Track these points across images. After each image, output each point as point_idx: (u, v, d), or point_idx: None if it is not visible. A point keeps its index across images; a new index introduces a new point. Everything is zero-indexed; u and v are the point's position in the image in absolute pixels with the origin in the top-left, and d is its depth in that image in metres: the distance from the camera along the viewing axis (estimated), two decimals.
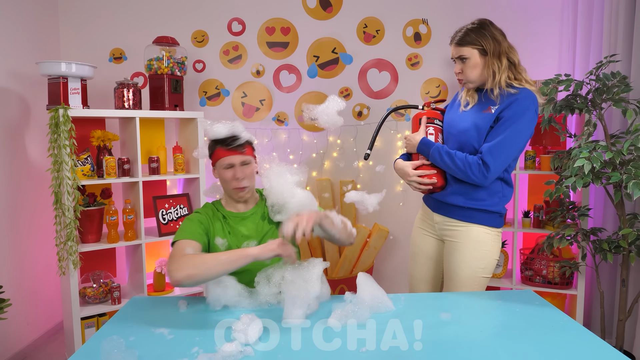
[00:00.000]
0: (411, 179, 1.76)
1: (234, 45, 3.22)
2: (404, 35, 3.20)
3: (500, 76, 1.66)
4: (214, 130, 1.62)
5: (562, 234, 2.37)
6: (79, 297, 2.49)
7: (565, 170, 2.19)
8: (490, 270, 1.77)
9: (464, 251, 1.74)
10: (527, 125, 1.64)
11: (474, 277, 1.73)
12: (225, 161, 1.61)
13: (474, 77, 1.70)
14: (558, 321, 1.41)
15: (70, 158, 2.35)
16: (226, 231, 1.64)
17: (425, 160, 1.76)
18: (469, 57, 1.68)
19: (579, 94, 2.28)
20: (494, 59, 1.66)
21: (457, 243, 1.76)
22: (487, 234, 1.74)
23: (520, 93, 1.65)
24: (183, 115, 2.80)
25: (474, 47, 1.67)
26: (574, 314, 2.63)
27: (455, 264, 1.75)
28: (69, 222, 2.36)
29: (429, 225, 1.88)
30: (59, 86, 2.40)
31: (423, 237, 1.90)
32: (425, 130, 1.79)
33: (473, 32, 1.67)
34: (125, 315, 1.47)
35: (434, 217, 1.84)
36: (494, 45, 1.66)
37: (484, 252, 1.73)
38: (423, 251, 1.89)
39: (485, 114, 1.69)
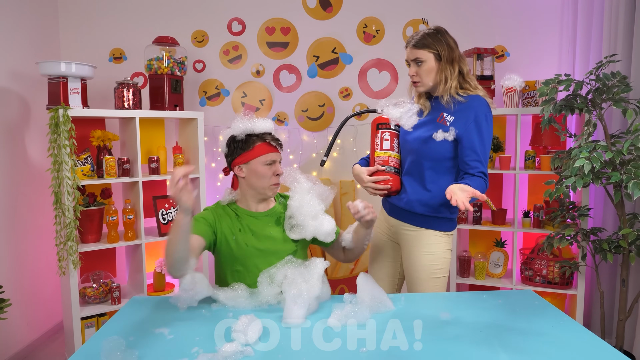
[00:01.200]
0: (366, 185, 1.80)
1: (234, 45, 3.22)
2: (404, 35, 3.20)
3: (451, 83, 1.70)
4: (260, 124, 1.61)
5: (562, 234, 2.37)
6: (79, 297, 2.49)
7: (565, 170, 2.19)
8: (447, 270, 1.81)
9: (418, 255, 1.78)
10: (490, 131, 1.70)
11: (432, 279, 1.78)
12: (269, 157, 1.62)
13: (428, 80, 1.73)
14: (558, 321, 1.41)
15: (70, 158, 2.35)
16: (236, 228, 1.63)
17: (381, 166, 1.79)
18: (424, 60, 1.71)
19: (579, 94, 2.28)
20: (447, 65, 1.70)
21: (412, 246, 1.80)
22: (437, 236, 1.78)
23: (471, 101, 1.70)
24: (183, 115, 2.80)
25: (430, 50, 1.70)
26: (574, 314, 2.63)
27: (412, 268, 1.79)
28: (69, 222, 2.36)
29: (386, 227, 1.91)
30: (59, 86, 2.40)
31: (380, 238, 1.94)
32: (381, 136, 1.82)
33: (430, 37, 1.71)
34: (125, 315, 1.47)
35: (389, 220, 1.88)
36: (448, 52, 1.70)
37: (436, 253, 1.77)
38: (379, 250, 1.94)
39: (439, 124, 1.71)
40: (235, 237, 1.62)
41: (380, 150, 1.82)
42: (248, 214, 1.67)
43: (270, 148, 1.63)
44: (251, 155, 1.61)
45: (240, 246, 1.62)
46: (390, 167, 1.80)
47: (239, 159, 1.63)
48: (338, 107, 3.26)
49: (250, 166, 1.62)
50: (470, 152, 1.67)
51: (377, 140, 1.83)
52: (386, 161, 1.80)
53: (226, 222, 1.64)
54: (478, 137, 1.67)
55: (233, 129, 1.64)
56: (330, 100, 3.26)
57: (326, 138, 3.28)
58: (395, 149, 1.81)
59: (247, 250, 1.62)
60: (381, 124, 1.84)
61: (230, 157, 1.66)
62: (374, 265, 1.96)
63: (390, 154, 1.81)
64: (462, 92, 1.72)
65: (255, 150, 1.61)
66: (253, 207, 1.68)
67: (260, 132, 1.62)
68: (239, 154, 1.63)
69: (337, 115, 3.26)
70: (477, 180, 1.64)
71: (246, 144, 1.62)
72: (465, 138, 1.67)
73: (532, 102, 2.76)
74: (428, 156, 1.72)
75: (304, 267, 1.53)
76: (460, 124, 1.68)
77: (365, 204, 1.60)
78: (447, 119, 1.70)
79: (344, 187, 3.20)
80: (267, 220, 1.68)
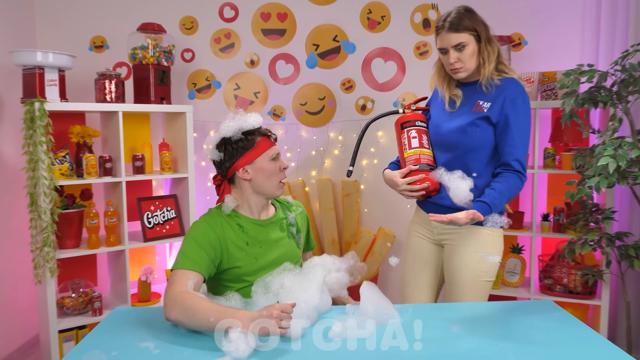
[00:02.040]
0: (401, 189, 1.80)
1: (226, 33, 3.22)
2: (411, 22, 3.20)
3: (489, 65, 1.72)
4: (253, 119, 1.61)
5: (584, 239, 2.37)
6: (56, 307, 2.49)
7: (588, 170, 2.19)
8: (494, 274, 1.81)
9: (464, 255, 1.78)
10: (529, 116, 1.74)
11: (476, 281, 1.78)
12: (273, 151, 1.62)
13: (471, 65, 1.74)
14: (580, 334, 1.41)
15: (47, 156, 2.35)
16: (243, 242, 1.60)
17: (413, 166, 1.79)
18: (467, 43, 1.71)
19: (603, 86, 2.28)
20: (487, 45, 1.72)
21: (458, 246, 1.80)
22: (489, 234, 1.78)
23: (506, 84, 1.73)
24: (170, 109, 2.80)
25: (470, 32, 1.71)
26: (597, 327, 2.63)
27: (456, 268, 1.80)
28: (46, 226, 2.36)
29: (427, 229, 1.91)
30: (35, 77, 2.40)
31: (418, 241, 1.93)
32: (408, 135, 1.82)
33: (466, 17, 1.71)
34: (107, 328, 1.47)
35: (431, 221, 1.86)
36: (485, 31, 1.72)
37: (485, 254, 1.77)
38: (418, 256, 1.93)
39: (476, 112, 1.73)
40: (245, 253, 1.59)
41: (409, 149, 1.82)
42: (253, 222, 1.64)
43: (272, 142, 1.64)
44: (256, 153, 1.59)
45: (249, 262, 1.60)
46: (424, 164, 1.80)
47: (243, 160, 1.59)
48: (340, 101, 3.26)
49: (256, 165, 1.60)
50: (507, 138, 1.70)
51: (404, 140, 1.84)
52: (418, 159, 1.80)
53: (231, 238, 1.58)
54: (515, 120, 1.69)
55: (224, 131, 1.59)
56: (331, 93, 3.26)
57: (327, 134, 3.28)
58: (426, 145, 1.82)
59: (257, 264, 1.61)
60: (405, 122, 1.85)
61: (230, 161, 1.60)
62: (411, 273, 1.94)
63: (422, 151, 1.81)
64: (497, 74, 1.74)
65: (260, 146, 1.60)
66: (255, 213, 1.66)
67: (256, 126, 1.62)
68: (241, 155, 1.59)
69: (338, 109, 3.26)
70: (509, 181, 1.68)
71: (248, 142, 1.59)
72: (501, 123, 1.71)
73: (551, 95, 2.76)
74: (469, 147, 1.74)
75: (302, 276, 1.53)
76: (497, 110, 1.71)
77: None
78: (484, 106, 1.73)
79: (346, 187, 3.20)
80: (273, 227, 1.68)
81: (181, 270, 1.47)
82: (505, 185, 1.68)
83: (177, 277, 1.46)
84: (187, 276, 1.46)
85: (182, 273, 1.46)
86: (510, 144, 1.70)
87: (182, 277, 1.45)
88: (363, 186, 3.30)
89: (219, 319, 1.30)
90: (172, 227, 2.87)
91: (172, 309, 1.38)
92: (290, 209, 1.77)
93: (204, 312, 1.34)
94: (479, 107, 1.74)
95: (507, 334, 1.41)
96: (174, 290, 1.41)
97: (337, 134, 3.29)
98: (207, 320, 1.32)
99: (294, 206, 1.80)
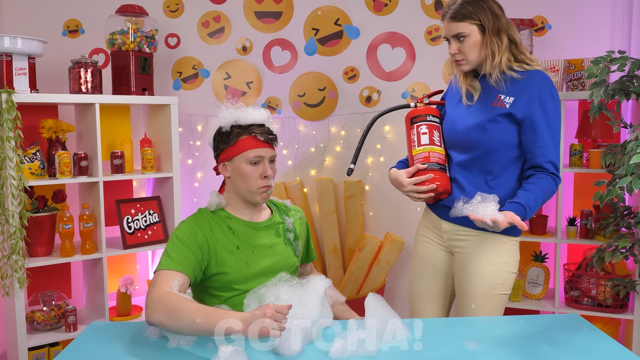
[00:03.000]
0: (407, 190, 1.80)
1: (215, 16, 3.22)
2: (422, 3, 3.20)
3: (500, 57, 1.73)
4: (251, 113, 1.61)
5: (615, 246, 2.37)
6: (25, 322, 2.49)
7: (619, 168, 2.19)
8: (510, 286, 1.81)
9: (477, 265, 1.78)
10: (558, 112, 1.75)
11: (490, 295, 1.78)
12: (253, 153, 1.60)
13: (473, 57, 1.75)
14: (611, 352, 1.41)
15: (16, 153, 2.35)
16: (234, 245, 1.62)
17: (421, 164, 1.79)
18: (467, 34, 1.72)
19: (636, 75, 2.28)
20: (493, 37, 1.73)
21: (470, 255, 1.80)
22: (504, 243, 1.78)
23: (531, 77, 1.73)
24: (153, 100, 2.80)
25: (472, 22, 1.72)
26: (629, 343, 2.63)
27: (468, 280, 1.80)
28: (14, 232, 2.36)
29: (435, 234, 1.92)
30: (2, 65, 2.40)
31: (428, 248, 1.94)
32: (417, 131, 1.83)
33: (470, 5, 1.72)
34: (82, 345, 1.47)
35: (442, 225, 1.88)
36: (493, 21, 1.72)
37: (501, 264, 1.77)
38: (429, 264, 1.93)
39: (496, 107, 1.74)
40: (235, 257, 1.61)
41: (418, 146, 1.82)
42: (245, 224, 1.66)
43: (258, 143, 1.61)
44: (234, 151, 1.61)
45: (240, 268, 1.61)
46: (434, 163, 1.80)
47: (223, 155, 1.64)
48: (342, 91, 3.26)
49: (234, 164, 1.62)
50: (537, 138, 1.71)
51: (414, 137, 1.84)
52: (427, 157, 1.80)
53: (220, 240, 1.61)
54: (544, 119, 1.70)
55: (220, 119, 1.64)
56: (333, 83, 3.26)
57: (327, 129, 3.28)
58: (437, 142, 1.82)
59: (248, 271, 1.62)
60: (416, 117, 1.85)
61: (215, 153, 1.67)
62: (421, 284, 1.95)
63: (432, 148, 1.81)
64: (517, 66, 1.75)
65: (239, 145, 1.60)
66: (247, 215, 1.68)
67: (248, 123, 1.62)
68: (222, 149, 1.63)
69: (340, 101, 3.26)
70: (543, 183, 1.69)
71: (229, 137, 1.61)
72: (528, 122, 1.71)
73: (578, 85, 2.76)
74: (487, 146, 1.74)
75: (299, 287, 1.53)
76: (522, 106, 1.71)
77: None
78: (506, 101, 1.73)
79: (350, 188, 3.20)
80: (268, 232, 1.69)
81: (165, 270, 1.49)
82: (540, 187, 1.69)
83: (160, 277, 1.47)
84: (171, 277, 1.47)
85: (166, 274, 1.48)
86: (541, 145, 1.71)
87: (166, 277, 1.47)
88: (368, 187, 3.30)
89: (206, 320, 1.31)
90: (155, 233, 2.87)
91: (155, 310, 1.38)
92: (289, 213, 1.78)
93: (189, 312, 1.34)
94: (500, 102, 1.74)
95: (528, 352, 1.41)
96: (157, 291, 1.42)
97: (339, 129, 3.29)
98: (194, 322, 1.32)
99: (293, 211, 1.80)
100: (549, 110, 1.71)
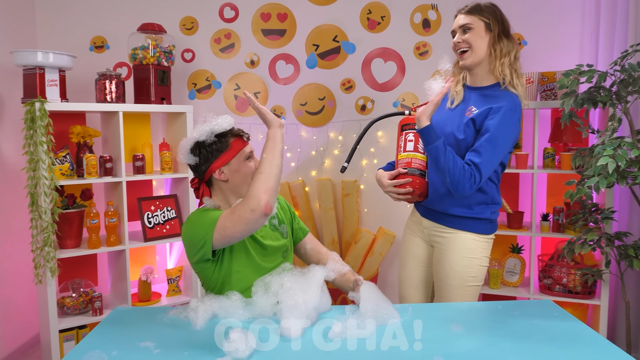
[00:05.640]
0: (387, 190, 1.81)
1: (226, 33, 3.22)
2: (411, 22, 3.20)
3: (500, 62, 1.71)
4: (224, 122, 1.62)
5: (584, 239, 2.37)
6: (56, 307, 2.49)
7: (587, 170, 2.19)
8: (481, 278, 1.83)
9: (451, 259, 1.79)
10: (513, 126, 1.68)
11: (463, 287, 1.79)
12: (248, 149, 1.65)
13: (479, 50, 1.72)
14: (580, 334, 1.41)
15: (48, 156, 2.35)
16: None
17: (402, 169, 1.79)
18: (473, 26, 1.73)
19: (603, 86, 2.28)
20: (497, 39, 1.72)
21: (445, 251, 1.81)
22: (475, 240, 1.79)
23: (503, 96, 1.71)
24: (170, 109, 2.80)
25: (481, 18, 1.73)
26: (597, 326, 2.63)
27: (444, 273, 1.81)
28: (46, 226, 2.36)
29: (418, 229, 1.95)
30: (35, 77, 2.40)
31: (413, 240, 1.96)
32: (405, 137, 1.83)
33: (483, 6, 1.75)
34: (107, 328, 1.47)
35: (422, 221, 1.91)
36: (500, 27, 1.73)
37: (472, 259, 1.79)
38: (413, 254, 1.95)
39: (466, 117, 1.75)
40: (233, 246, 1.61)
41: (403, 152, 1.83)
42: None
43: (244, 142, 1.66)
44: (231, 154, 1.62)
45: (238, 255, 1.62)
46: (414, 169, 1.80)
47: (218, 162, 1.61)
48: (340, 101, 3.26)
49: (231, 167, 1.63)
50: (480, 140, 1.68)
51: (401, 142, 1.84)
52: (409, 163, 1.80)
53: None
54: (494, 128, 1.66)
55: (196, 136, 1.62)
56: (331, 93, 3.26)
57: (327, 134, 3.28)
58: (421, 150, 1.82)
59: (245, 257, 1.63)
60: (406, 124, 1.85)
61: (206, 164, 1.62)
62: (406, 271, 1.97)
63: (415, 155, 1.81)
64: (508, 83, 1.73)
65: (233, 147, 1.63)
66: None
67: (227, 129, 1.64)
68: (216, 157, 1.61)
69: (338, 109, 3.26)
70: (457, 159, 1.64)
71: (222, 144, 1.62)
72: (482, 136, 1.69)
73: (551, 95, 2.76)
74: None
75: (301, 276, 1.53)
76: (482, 114, 1.71)
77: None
78: (472, 111, 1.74)
79: (346, 187, 3.20)
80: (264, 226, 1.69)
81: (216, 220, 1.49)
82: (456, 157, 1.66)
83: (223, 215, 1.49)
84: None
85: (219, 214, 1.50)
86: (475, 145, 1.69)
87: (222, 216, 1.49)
88: (363, 186, 3.30)
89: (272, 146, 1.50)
90: (172, 227, 2.87)
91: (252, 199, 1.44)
92: None
93: (262, 165, 1.48)
94: (470, 111, 1.75)
95: (506, 333, 1.41)
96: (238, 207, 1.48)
97: (337, 134, 3.28)
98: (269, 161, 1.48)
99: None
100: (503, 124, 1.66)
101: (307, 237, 1.86)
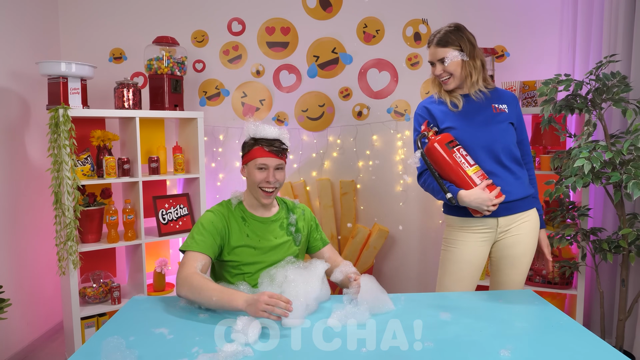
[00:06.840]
0: (493, 202, 1.67)
1: (234, 45, 3.22)
2: (404, 35, 3.20)
3: (477, 77, 1.77)
4: (264, 130, 1.63)
5: (562, 234, 2.37)
6: (79, 297, 2.49)
7: (565, 170, 2.19)
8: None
9: (534, 238, 1.82)
10: None
11: (529, 264, 1.83)
12: (260, 161, 1.62)
13: (457, 74, 1.76)
14: (558, 321, 1.41)
15: (70, 158, 2.35)
16: (244, 233, 1.65)
17: (486, 180, 1.71)
18: (450, 56, 1.74)
19: (579, 94, 2.28)
20: (470, 60, 1.75)
21: (528, 232, 1.81)
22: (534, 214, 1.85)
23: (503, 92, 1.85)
24: (183, 115, 2.80)
25: (453, 47, 1.74)
26: (573, 314, 2.63)
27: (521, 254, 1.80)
28: (69, 222, 2.36)
29: (491, 235, 1.80)
30: (59, 86, 2.40)
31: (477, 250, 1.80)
32: (460, 153, 1.72)
33: (452, 34, 1.75)
34: (125, 315, 1.47)
35: (498, 222, 1.78)
36: (470, 48, 1.75)
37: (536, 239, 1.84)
38: (473, 265, 1.81)
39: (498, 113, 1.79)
40: (244, 243, 1.64)
41: (470, 166, 1.71)
42: (254, 218, 1.68)
43: (264, 153, 1.62)
44: (248, 158, 1.67)
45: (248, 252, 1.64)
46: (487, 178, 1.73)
47: (243, 160, 1.70)
48: (338, 107, 3.26)
49: (248, 168, 1.67)
50: (526, 142, 1.85)
51: (459, 159, 1.71)
52: (484, 175, 1.72)
53: (234, 228, 1.65)
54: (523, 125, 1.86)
55: (245, 131, 1.69)
56: (330, 100, 3.26)
57: (326, 138, 3.28)
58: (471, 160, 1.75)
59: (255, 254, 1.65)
60: (450, 142, 1.72)
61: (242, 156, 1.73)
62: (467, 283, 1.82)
63: (477, 167, 1.73)
64: (485, 83, 1.81)
65: (251, 154, 1.65)
66: (259, 211, 1.70)
67: (259, 137, 1.64)
68: (243, 155, 1.70)
69: (337, 115, 3.26)
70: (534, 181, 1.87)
71: (248, 146, 1.67)
72: (520, 127, 1.83)
73: (532, 102, 2.76)
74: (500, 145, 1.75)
75: (304, 268, 1.54)
76: (514, 112, 1.81)
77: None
78: (502, 107, 1.79)
79: (344, 187, 3.20)
80: (273, 225, 1.70)
81: (192, 252, 1.55)
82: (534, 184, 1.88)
83: (187, 259, 1.55)
84: (196, 258, 1.54)
85: (193, 255, 1.55)
86: (527, 149, 1.87)
87: (192, 259, 1.54)
88: (359, 186, 3.30)
89: (219, 299, 1.40)
90: (185, 223, 2.87)
91: (183, 287, 1.47)
92: (294, 210, 1.78)
93: (208, 291, 1.42)
94: (497, 108, 1.79)
95: (491, 320, 1.41)
96: (185, 271, 1.50)
97: (336, 138, 3.28)
98: (211, 299, 1.41)
99: (298, 209, 1.80)
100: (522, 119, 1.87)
101: (325, 248, 1.81)
